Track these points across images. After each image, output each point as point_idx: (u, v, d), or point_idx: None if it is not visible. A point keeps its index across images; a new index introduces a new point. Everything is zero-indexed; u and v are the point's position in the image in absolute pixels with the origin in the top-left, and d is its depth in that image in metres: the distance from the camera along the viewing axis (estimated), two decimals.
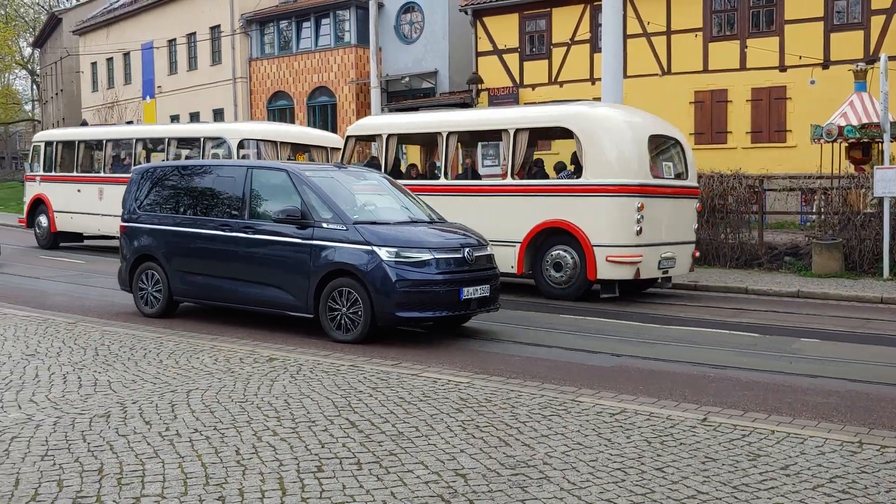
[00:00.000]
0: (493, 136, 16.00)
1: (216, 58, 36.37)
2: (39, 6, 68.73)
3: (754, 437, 5.97)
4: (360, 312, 9.54)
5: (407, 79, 29.46)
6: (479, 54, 27.34)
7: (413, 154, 20.60)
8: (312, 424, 6.08)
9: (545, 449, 5.59)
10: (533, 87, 26.37)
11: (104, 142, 22.26)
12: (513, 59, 26.72)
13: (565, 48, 25.83)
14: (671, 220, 13.74)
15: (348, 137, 16.63)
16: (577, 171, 13.64)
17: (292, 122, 33.62)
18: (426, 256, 9.51)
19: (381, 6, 26.81)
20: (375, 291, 9.39)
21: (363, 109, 31.21)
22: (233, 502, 4.64)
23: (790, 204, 20.70)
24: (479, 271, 9.93)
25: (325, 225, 9.82)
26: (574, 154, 13.88)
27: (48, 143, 23.62)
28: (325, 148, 19.97)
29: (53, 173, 22.98)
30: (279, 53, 34.06)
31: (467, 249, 9.83)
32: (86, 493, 4.78)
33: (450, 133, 14.86)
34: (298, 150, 20.02)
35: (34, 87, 71.17)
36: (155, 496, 4.72)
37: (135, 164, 20.01)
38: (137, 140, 21.60)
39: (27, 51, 69.40)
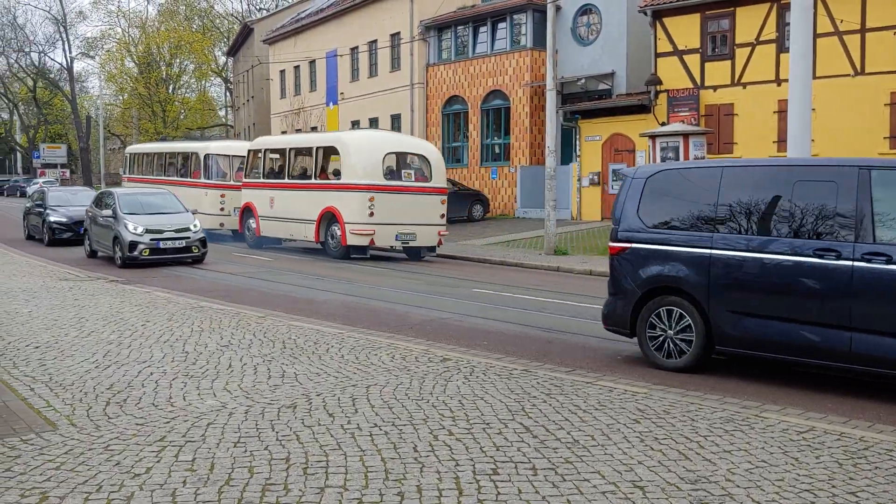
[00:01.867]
0: (309, 151, 21.87)
1: (395, 64, 37.38)
2: (233, 17, 73.09)
3: None
4: None
5: (583, 81, 29.16)
6: (658, 55, 26.68)
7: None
8: (487, 427, 6.13)
9: (727, 465, 5.39)
10: (714, 88, 25.48)
11: (153, 154, 31.03)
12: (693, 60, 25.92)
13: (749, 48, 24.80)
14: (408, 208, 19.91)
15: (248, 151, 24.01)
16: (339, 175, 20.31)
17: (467, 126, 34.09)
18: None
19: (558, 9, 26.73)
20: None
21: (537, 112, 31.20)
22: (411, 499, 4.75)
23: None
24: None
25: None
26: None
27: (130, 154, 33.54)
28: None
29: (134, 175, 31.76)
30: (455, 58, 34.58)
31: None
32: (274, 480, 5.03)
33: (290, 149, 22.40)
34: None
35: (227, 93, 75.75)
36: (338, 487, 4.91)
37: (163, 171, 29.72)
38: (164, 153, 30.19)
39: (222, 59, 73.93)
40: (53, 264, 18.13)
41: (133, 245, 18.01)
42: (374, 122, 38.86)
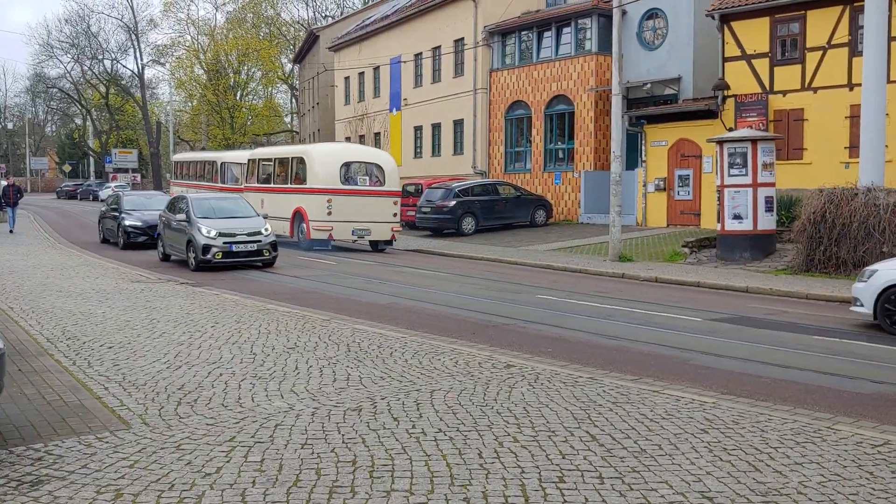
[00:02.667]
0: (285, 161, 26.02)
1: (459, 70, 37.42)
2: (299, 25, 74.10)
3: None
4: None
5: (648, 85, 28.82)
6: (725, 60, 26.21)
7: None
8: (552, 434, 6.10)
9: (799, 478, 5.27)
10: (784, 93, 24.95)
11: (189, 162, 37.61)
12: (762, 65, 25.41)
13: (820, 52, 24.22)
14: (362, 208, 23.62)
15: (248, 160, 28.91)
16: (306, 181, 24.05)
17: (530, 131, 33.98)
18: None
19: (624, 13, 26.52)
20: None
21: (601, 117, 30.94)
22: None
23: None
24: None
25: None
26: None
27: (176, 162, 40.50)
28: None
29: (177, 180, 37.75)
30: (519, 63, 34.47)
31: None
32: (341, 483, 5.08)
33: (275, 158, 27.00)
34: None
35: (293, 100, 76.81)
36: (404, 491, 4.93)
37: (196, 176, 35.66)
38: (197, 161, 36.27)
39: (288, 66, 74.96)
40: (126, 267, 18.58)
41: (206, 248, 18.23)
42: (436, 128, 39.00)
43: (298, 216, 24.14)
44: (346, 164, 24.22)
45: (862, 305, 11.90)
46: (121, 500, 4.79)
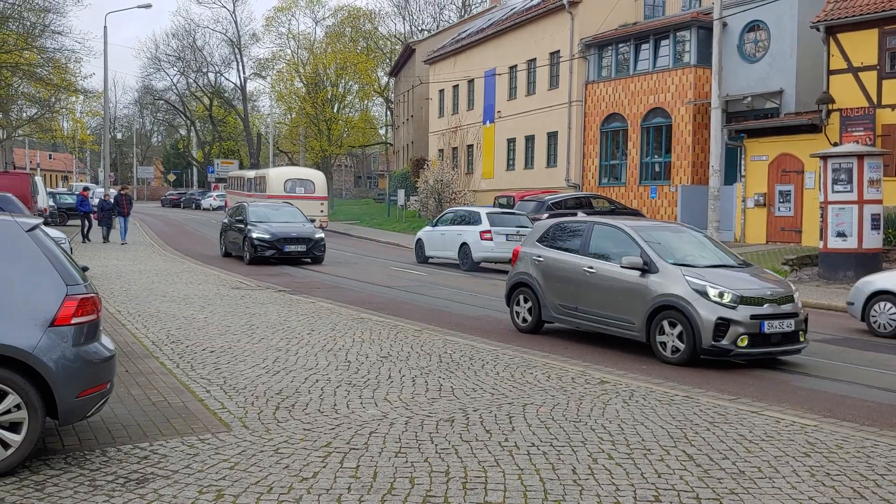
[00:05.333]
0: (260, 178, 40.06)
1: (553, 82, 37.30)
2: (396, 38, 75.09)
3: None
4: None
5: (749, 99, 28.15)
6: (830, 72, 25.39)
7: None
8: (647, 453, 6.01)
9: None
10: (892, 107, 24.00)
11: (235, 177, 49.30)
12: (870, 78, 24.51)
13: None
14: (300, 207, 28.40)
15: (253, 177, 42.27)
16: (266, 191, 37.39)
17: (626, 143, 33.60)
18: None
19: (724, 25, 26.02)
20: None
21: (700, 130, 30.38)
22: None
23: None
24: None
25: None
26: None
27: (228, 177, 56.08)
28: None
29: (229, 189, 50.60)
30: (615, 76, 34.15)
31: None
32: (434, 493, 5.12)
33: (260, 176, 40.54)
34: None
35: (388, 112, 77.81)
36: None
37: (237, 188, 47.23)
38: (238, 177, 48.62)
39: (384, 80, 76.02)
40: (227, 273, 19.02)
41: (721, 328, 9.72)
42: (529, 140, 38.94)
43: None
44: (288, 180, 38.17)
45: None
46: (222, 501, 4.94)
